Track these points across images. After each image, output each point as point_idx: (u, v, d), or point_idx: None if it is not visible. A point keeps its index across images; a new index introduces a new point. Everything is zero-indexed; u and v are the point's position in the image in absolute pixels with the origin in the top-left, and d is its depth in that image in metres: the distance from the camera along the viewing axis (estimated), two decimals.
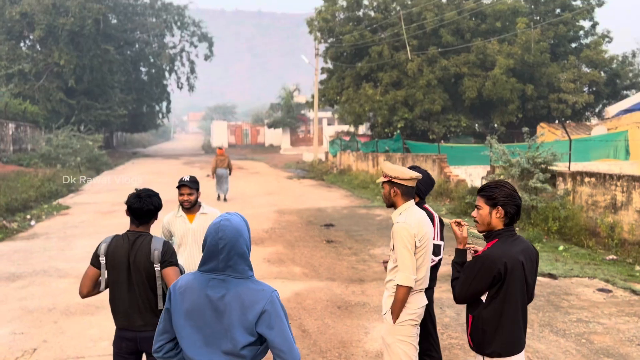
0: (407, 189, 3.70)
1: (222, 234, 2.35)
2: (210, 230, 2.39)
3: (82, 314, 6.76)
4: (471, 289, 2.88)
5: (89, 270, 3.49)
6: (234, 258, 2.35)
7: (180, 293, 2.39)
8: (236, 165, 33.29)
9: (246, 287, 2.35)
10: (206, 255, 2.38)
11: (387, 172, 3.76)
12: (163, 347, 2.46)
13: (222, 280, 2.35)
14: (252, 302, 2.31)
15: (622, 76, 28.64)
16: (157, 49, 47.75)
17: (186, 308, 2.35)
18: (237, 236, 2.37)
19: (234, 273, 2.36)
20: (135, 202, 3.46)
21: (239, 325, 2.29)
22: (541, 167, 11.78)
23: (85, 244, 11.14)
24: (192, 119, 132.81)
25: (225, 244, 2.34)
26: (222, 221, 2.39)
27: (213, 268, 2.37)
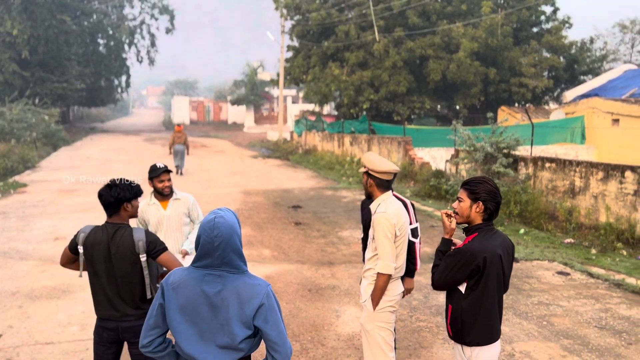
0: (381, 182, 3.77)
1: (217, 232, 2.35)
2: (204, 227, 2.38)
3: (48, 298, 6.62)
4: (449, 278, 2.99)
5: (67, 251, 3.44)
6: (230, 254, 2.37)
7: (174, 288, 2.39)
8: (199, 143, 32.90)
9: (243, 282, 2.37)
10: (201, 252, 2.38)
11: (365, 164, 3.82)
12: (153, 342, 2.46)
13: (218, 276, 2.37)
14: (250, 297, 2.34)
15: (580, 62, 29.45)
16: (116, 21, 46.16)
17: (181, 303, 2.36)
18: (232, 233, 2.38)
19: (229, 268, 2.38)
20: (100, 191, 3.40)
21: (237, 319, 2.32)
22: (504, 152, 12.07)
23: (46, 224, 10.86)
24: (152, 93, 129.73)
25: (221, 241, 2.34)
26: (217, 218, 2.39)
27: (208, 264, 2.38)
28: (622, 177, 9.38)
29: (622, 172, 9.39)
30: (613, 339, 5.47)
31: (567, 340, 5.43)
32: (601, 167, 9.91)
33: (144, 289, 3.38)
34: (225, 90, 64.81)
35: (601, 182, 9.84)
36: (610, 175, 9.66)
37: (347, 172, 18.77)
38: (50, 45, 34.01)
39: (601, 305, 6.42)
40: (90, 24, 44.43)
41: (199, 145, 30.95)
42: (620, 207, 9.42)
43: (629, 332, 5.65)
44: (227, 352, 2.34)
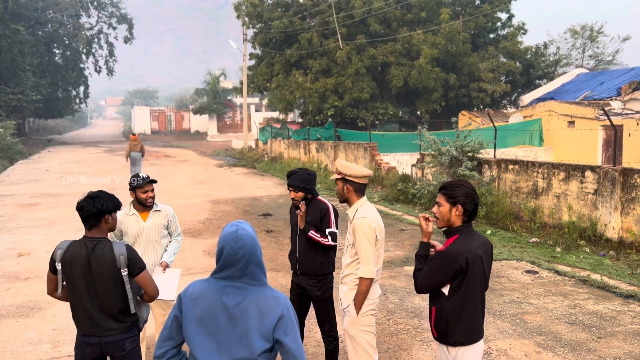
0: (359, 186, 3.83)
1: (241, 243, 2.34)
2: (227, 239, 2.36)
3: (15, 317, 6.40)
4: (432, 281, 3.05)
5: (49, 275, 3.35)
6: (252, 266, 2.36)
7: (192, 299, 2.36)
8: (162, 153, 32.43)
9: (263, 295, 2.36)
10: (223, 264, 2.36)
11: (340, 170, 3.86)
12: (167, 353, 2.41)
13: (238, 288, 2.35)
14: (270, 309, 2.33)
15: (535, 66, 30.40)
16: (72, 30, 45.18)
17: (199, 314, 2.33)
18: (254, 244, 2.38)
19: (250, 280, 2.37)
20: (79, 203, 3.32)
21: (257, 331, 2.30)
22: (468, 155, 12.35)
23: (7, 240, 10.51)
24: (110, 103, 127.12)
25: (244, 253, 2.34)
26: (239, 230, 2.38)
27: (229, 276, 2.36)
28: (583, 177, 9.72)
29: (583, 172, 9.73)
30: (584, 333, 5.66)
31: (540, 336, 5.58)
32: (562, 167, 10.25)
33: (127, 303, 3.32)
34: (187, 99, 64.08)
35: (563, 182, 10.18)
36: (571, 176, 10.00)
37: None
38: (4, 56, 33.02)
39: (570, 302, 6.63)
40: (45, 34, 43.37)
41: (162, 156, 30.51)
42: (581, 205, 9.75)
43: (597, 326, 5.85)
44: None
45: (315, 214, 4.52)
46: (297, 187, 4.52)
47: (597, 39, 36.80)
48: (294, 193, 4.52)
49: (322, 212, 4.54)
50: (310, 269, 4.50)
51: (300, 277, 4.57)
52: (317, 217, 4.55)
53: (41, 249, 9.73)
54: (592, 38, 36.76)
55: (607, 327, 5.84)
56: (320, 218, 4.57)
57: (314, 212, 4.52)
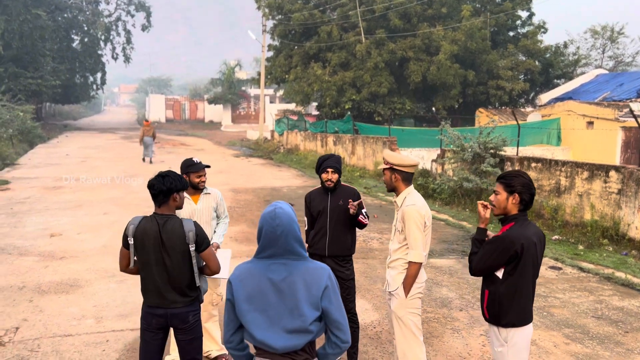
0: (406, 175, 3.99)
1: (279, 221, 2.50)
2: (265, 218, 2.53)
3: (56, 293, 6.64)
4: (488, 264, 3.22)
5: (122, 251, 3.54)
6: (292, 242, 2.52)
7: (240, 281, 2.52)
8: (178, 141, 32.71)
9: (306, 267, 2.53)
10: (264, 242, 2.53)
11: (388, 160, 4.02)
12: (233, 339, 2.58)
13: (282, 264, 2.51)
14: (315, 280, 2.50)
15: (554, 66, 30.26)
16: (91, 17, 45.51)
17: (248, 293, 2.49)
18: (291, 221, 2.54)
19: (292, 256, 2.53)
20: (150, 181, 3.52)
21: (306, 301, 2.46)
22: (491, 152, 12.44)
23: (37, 220, 10.77)
24: (124, 91, 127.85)
25: (282, 230, 2.50)
26: (277, 209, 2.54)
27: (272, 254, 2.52)
28: (607, 177, 9.80)
29: (607, 172, 9.81)
30: (610, 327, 5.79)
31: (568, 329, 5.72)
32: (586, 167, 10.33)
33: (192, 277, 3.51)
34: (201, 88, 64.37)
35: (586, 182, 10.26)
36: (595, 175, 10.08)
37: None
38: (25, 41, 33.35)
39: (595, 297, 6.75)
40: (65, 20, 43.69)
41: (179, 144, 30.78)
42: (604, 205, 9.84)
43: (624, 321, 5.98)
44: (298, 336, 2.46)
45: (348, 198, 4.69)
46: (337, 168, 4.70)
47: (617, 40, 36.53)
48: (332, 174, 4.68)
49: (355, 196, 4.74)
50: (340, 250, 4.66)
51: (327, 259, 4.72)
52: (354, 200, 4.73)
53: (71, 230, 9.98)
54: (612, 39, 36.48)
55: (634, 322, 5.97)
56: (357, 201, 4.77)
57: (347, 196, 4.70)
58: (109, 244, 9.03)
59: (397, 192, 4.05)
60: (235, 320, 2.55)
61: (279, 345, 2.44)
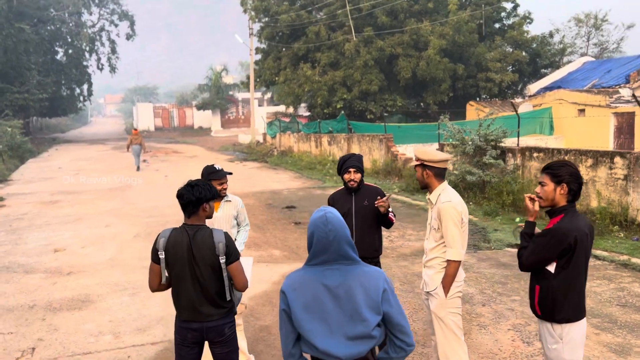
0: (439, 171, 3.89)
1: (331, 226, 2.41)
2: (316, 224, 2.43)
3: (69, 310, 6.48)
4: (539, 258, 3.12)
5: (152, 267, 3.40)
6: (344, 246, 2.43)
7: (294, 290, 2.42)
8: (170, 149, 32.46)
9: (361, 271, 2.44)
10: (316, 249, 2.43)
11: (418, 156, 3.93)
12: (295, 352, 2.46)
13: (336, 270, 2.42)
14: (372, 283, 2.40)
15: (542, 55, 30.37)
16: (74, 28, 45.04)
17: (304, 302, 2.38)
18: (343, 226, 2.46)
19: (346, 260, 2.43)
20: (179, 191, 3.40)
21: (366, 306, 2.36)
22: (491, 144, 12.40)
23: (38, 236, 10.57)
24: (109, 101, 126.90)
25: (335, 235, 2.41)
26: (327, 214, 2.45)
27: (325, 260, 2.42)
28: (612, 163, 9.79)
29: (612, 158, 9.80)
30: (637, 315, 5.74)
31: (595, 319, 5.66)
32: (590, 154, 10.31)
33: (224, 290, 3.38)
34: (187, 95, 63.99)
35: (591, 169, 10.24)
36: (599, 162, 10.07)
37: (330, 171, 18.87)
38: (9, 55, 32.98)
39: (616, 285, 6.71)
40: (49, 32, 43.22)
41: (171, 152, 30.54)
42: (610, 191, 9.83)
43: None
44: (361, 342, 2.36)
45: (373, 197, 4.61)
46: (359, 167, 4.62)
47: (601, 27, 36.79)
48: (355, 174, 4.59)
49: (380, 194, 4.67)
50: (367, 252, 4.56)
51: None
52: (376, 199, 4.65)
53: (75, 244, 9.80)
54: (596, 26, 36.74)
55: None
56: None
57: (372, 196, 4.61)
58: (115, 256, 8.87)
59: (430, 189, 3.95)
60: (294, 331, 2.43)
61: (342, 354, 2.34)
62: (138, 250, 9.21)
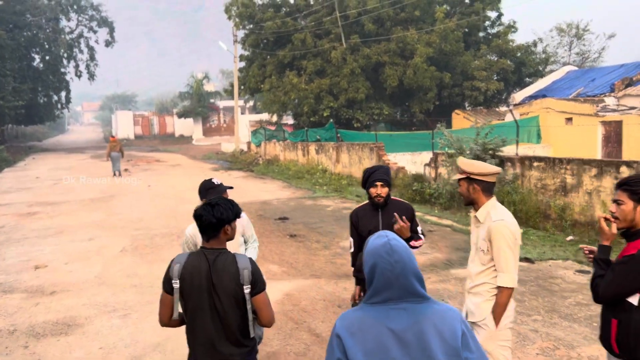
0: (487, 185, 3.49)
1: (397, 257, 2.01)
2: (378, 254, 2.02)
3: (54, 335, 5.91)
4: (620, 288, 2.73)
5: (164, 298, 2.92)
6: (413, 281, 2.02)
7: (352, 334, 1.99)
8: (152, 158, 31.75)
9: (433, 311, 2.02)
10: (379, 284, 2.01)
11: (465, 168, 3.51)
12: None
13: (402, 310, 2.00)
14: (448, 325, 2.00)
15: (527, 64, 30.46)
16: (51, 34, 44.03)
17: (365, 349, 1.96)
18: (411, 255, 2.06)
19: (414, 298, 2.02)
20: (197, 211, 2.92)
21: (444, 353, 1.95)
22: (489, 153, 12.13)
23: (17, 251, 9.92)
24: (87, 109, 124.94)
25: (402, 268, 2.01)
26: (391, 242, 2.05)
27: (388, 298, 2.01)
28: (617, 173, 9.54)
29: (617, 167, 9.56)
30: None
31: None
32: (594, 163, 10.07)
33: (247, 325, 2.92)
34: (167, 102, 63.15)
35: (595, 179, 9.99)
36: (604, 172, 9.81)
37: (320, 180, 18.45)
38: None
39: None
40: (25, 38, 42.13)
41: (153, 160, 29.83)
42: None
43: None
44: None
45: (404, 215, 4.21)
46: (386, 180, 4.23)
47: (583, 37, 37.19)
48: (382, 188, 4.19)
49: (409, 212, 4.30)
50: None
51: None
52: (407, 218, 4.24)
53: (57, 260, 9.19)
54: (578, 36, 37.13)
55: None
56: (410, 219, 4.28)
57: (403, 212, 4.22)
58: (102, 273, 8.29)
59: (476, 205, 3.53)
60: None
61: None
62: (126, 266, 8.65)
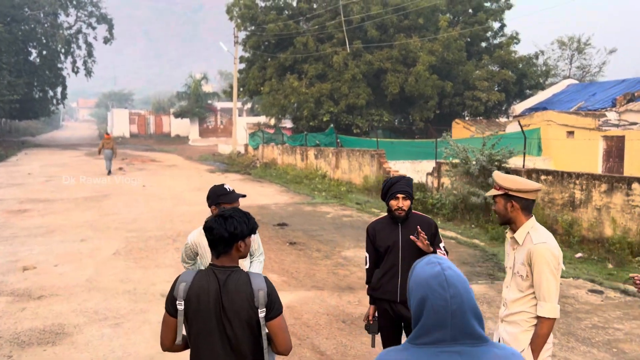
0: (527, 203, 3.17)
1: (453, 291, 1.67)
2: (430, 287, 1.68)
3: (40, 344, 5.55)
4: None
5: (166, 320, 2.58)
6: (470, 320, 1.68)
7: None
8: (147, 157, 31.32)
9: (494, 355, 1.69)
10: (429, 323, 1.67)
11: (502, 183, 3.18)
12: None
13: (457, 354, 1.66)
14: None
15: (528, 76, 30.30)
16: (49, 29, 43.53)
17: None
18: (467, 288, 1.72)
19: (470, 340, 1.68)
20: (208, 224, 2.58)
21: None
22: (496, 164, 11.85)
23: (4, 250, 9.55)
24: (83, 105, 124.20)
25: (459, 304, 1.66)
26: (446, 272, 1.70)
27: (440, 339, 1.66)
28: (629, 189, 9.28)
29: (629, 184, 9.29)
30: None
31: None
32: (604, 179, 9.80)
33: (261, 353, 2.58)
34: (164, 102, 62.68)
35: (605, 195, 9.72)
36: (615, 188, 9.55)
37: (318, 186, 18.13)
38: None
39: None
40: (22, 32, 41.61)
41: (149, 160, 29.40)
42: (627, 219, 9.30)
43: None
44: None
45: (426, 231, 3.92)
46: (408, 193, 3.90)
47: (584, 51, 37.10)
48: (403, 201, 3.87)
49: (432, 227, 4.00)
50: None
51: (399, 305, 3.92)
52: (429, 233, 3.95)
53: (47, 261, 8.81)
54: (579, 49, 37.03)
55: None
56: (433, 234, 3.98)
57: (424, 227, 3.92)
58: (93, 277, 7.92)
59: (514, 225, 3.21)
60: None
61: None
62: (119, 270, 8.29)
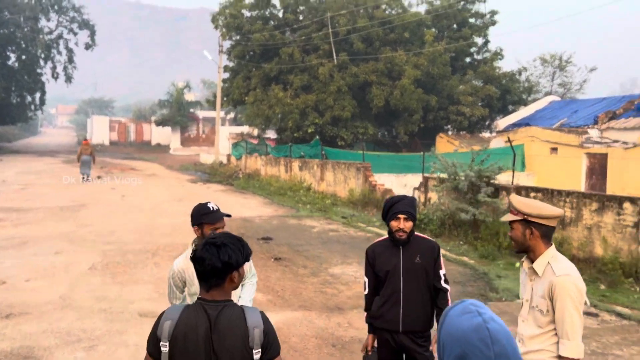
0: (547, 230, 2.93)
1: (498, 348, 1.44)
2: (470, 341, 1.44)
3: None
4: None
5: None
6: None
7: None
8: (127, 166, 30.72)
9: None
10: None
11: (520, 208, 2.93)
12: None
13: None
14: None
15: (512, 92, 30.51)
16: (29, 33, 42.73)
17: None
18: (513, 342, 1.49)
19: None
20: (198, 253, 2.25)
21: None
22: (484, 180, 11.70)
23: None
24: (62, 112, 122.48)
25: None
26: (489, 325, 1.46)
27: None
28: (620, 209, 9.16)
29: (620, 203, 9.17)
30: None
31: None
32: (595, 197, 9.68)
33: None
34: (145, 110, 61.98)
35: (596, 214, 9.59)
36: (606, 207, 9.42)
37: (303, 198, 17.83)
38: None
39: None
40: (1, 36, 40.78)
41: (128, 169, 28.82)
42: (618, 239, 9.17)
43: None
44: None
45: (427, 254, 3.67)
46: (411, 214, 3.66)
47: (565, 68, 37.57)
48: (405, 222, 3.60)
49: (435, 251, 3.74)
50: (418, 323, 3.66)
51: (402, 335, 3.65)
52: (431, 257, 3.71)
53: (18, 276, 8.34)
54: (561, 67, 37.49)
55: None
56: (435, 258, 3.72)
57: (426, 252, 3.68)
58: (67, 294, 7.49)
59: (533, 254, 2.96)
60: None
61: None
62: (95, 286, 7.87)
